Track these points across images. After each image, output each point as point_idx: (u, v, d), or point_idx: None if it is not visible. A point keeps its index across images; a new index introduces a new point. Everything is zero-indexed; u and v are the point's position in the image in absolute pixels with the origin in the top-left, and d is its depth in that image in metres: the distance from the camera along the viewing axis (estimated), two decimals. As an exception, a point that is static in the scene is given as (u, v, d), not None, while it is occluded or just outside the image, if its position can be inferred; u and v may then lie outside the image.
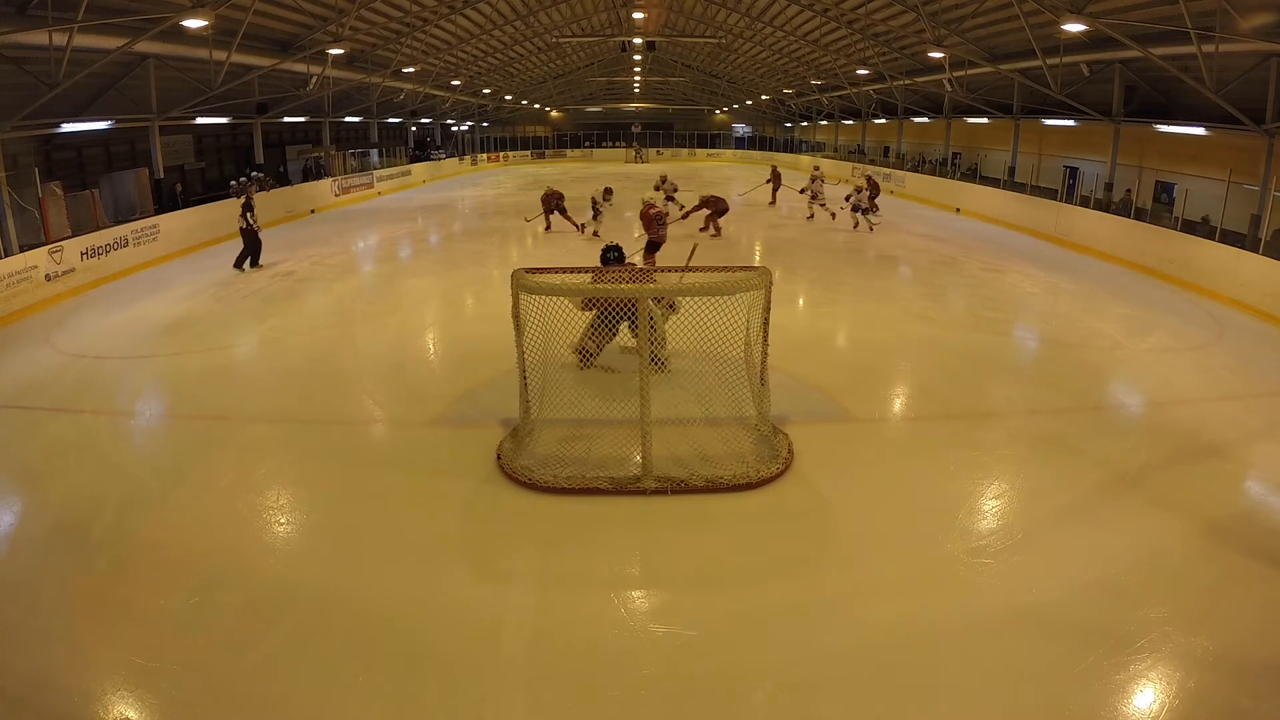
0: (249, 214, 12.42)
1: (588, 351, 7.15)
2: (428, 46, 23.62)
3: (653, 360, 6.78)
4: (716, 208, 15.93)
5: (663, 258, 11.47)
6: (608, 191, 16.57)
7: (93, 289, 11.99)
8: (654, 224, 11.48)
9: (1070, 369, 7.96)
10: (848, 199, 17.28)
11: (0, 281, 10.20)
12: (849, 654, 3.71)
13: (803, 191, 19.51)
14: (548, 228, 16.82)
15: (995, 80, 19.79)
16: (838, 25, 22.21)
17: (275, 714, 3.37)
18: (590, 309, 6.52)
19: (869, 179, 19.42)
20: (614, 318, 6.40)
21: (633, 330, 6.67)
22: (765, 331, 5.73)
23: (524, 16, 24.96)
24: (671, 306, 6.59)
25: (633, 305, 6.17)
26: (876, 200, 18.44)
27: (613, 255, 7.74)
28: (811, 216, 19.16)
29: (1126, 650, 3.65)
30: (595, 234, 15.72)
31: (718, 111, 47.14)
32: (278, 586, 4.25)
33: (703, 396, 6.22)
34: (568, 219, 16.41)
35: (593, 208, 15.94)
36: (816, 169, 20.86)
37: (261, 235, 13.11)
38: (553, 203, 16.58)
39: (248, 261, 12.87)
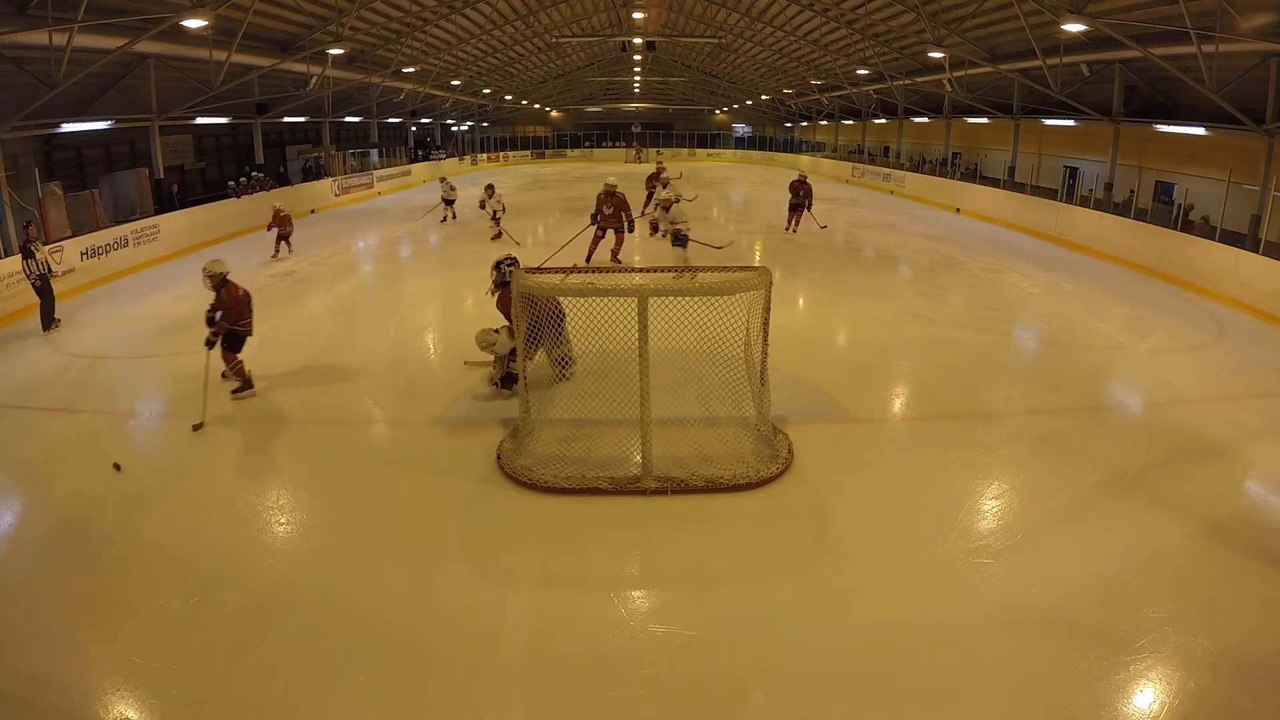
0: (29, 262, 9.39)
1: (512, 375, 6.70)
2: (428, 46, 23.61)
3: (561, 365, 6.91)
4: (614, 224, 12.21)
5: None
6: (489, 189, 16.02)
7: (93, 289, 11.99)
8: (243, 306, 7.01)
9: (1070, 369, 7.96)
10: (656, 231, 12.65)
11: (0, 281, 10.20)
12: (849, 654, 3.71)
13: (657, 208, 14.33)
14: (275, 254, 14.35)
15: (995, 80, 19.79)
16: (838, 25, 22.21)
17: (275, 714, 3.37)
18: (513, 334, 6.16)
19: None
20: (536, 339, 6.28)
21: (546, 352, 6.73)
22: (765, 331, 5.73)
23: (524, 16, 24.96)
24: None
25: (552, 326, 6.23)
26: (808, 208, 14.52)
27: (507, 266, 6.98)
28: (657, 233, 14.30)
29: (1126, 650, 3.65)
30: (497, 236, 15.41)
31: (718, 111, 47.13)
32: (278, 586, 4.25)
33: (703, 396, 6.22)
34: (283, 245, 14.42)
35: (494, 218, 15.70)
36: (661, 165, 17.44)
37: (55, 288, 9.91)
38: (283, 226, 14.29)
39: (53, 319, 9.70)
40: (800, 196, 16.17)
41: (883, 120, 29.56)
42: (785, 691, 3.48)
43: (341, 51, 18.68)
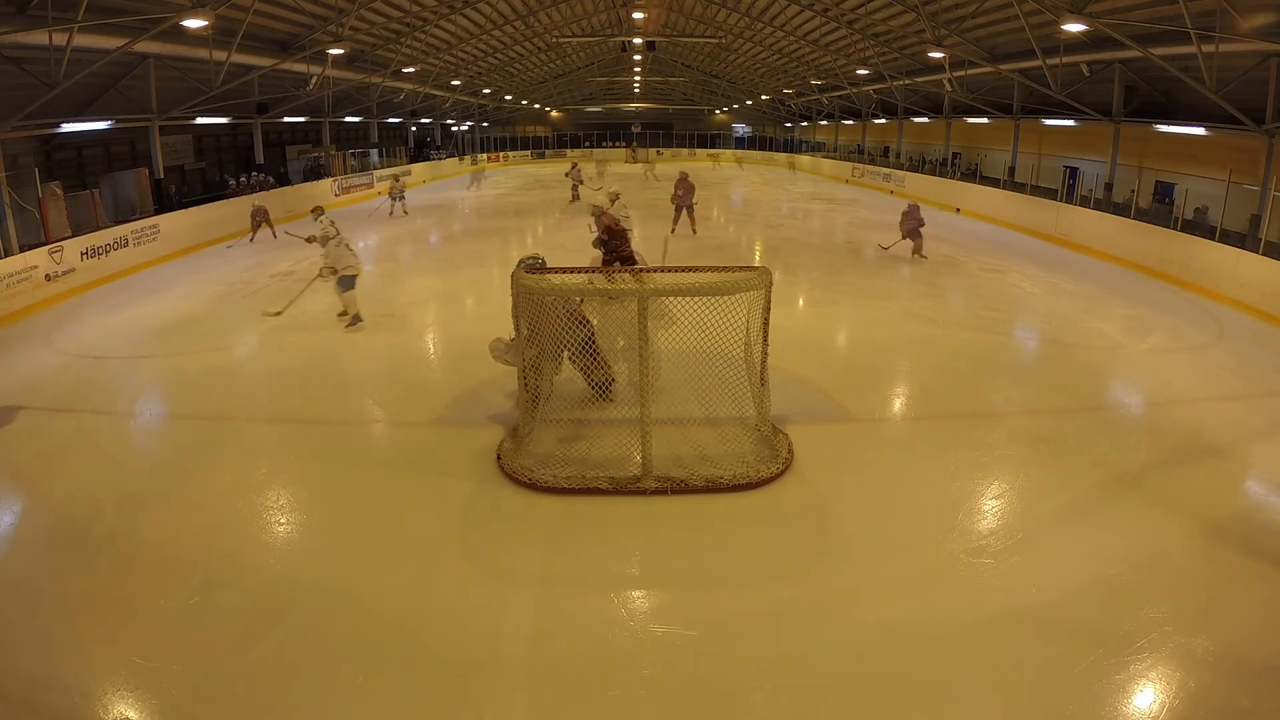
0: None
1: (538, 393, 6.11)
2: (428, 46, 23.61)
3: (601, 389, 6.47)
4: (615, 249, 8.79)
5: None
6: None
7: (93, 289, 11.99)
8: None
9: (1070, 369, 7.96)
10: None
11: (0, 281, 10.20)
12: (849, 654, 3.71)
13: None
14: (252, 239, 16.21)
15: (995, 80, 19.78)
16: (838, 25, 22.21)
17: (275, 714, 3.36)
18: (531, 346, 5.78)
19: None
20: (553, 352, 6.08)
21: (570, 360, 6.42)
22: (765, 331, 5.73)
23: (524, 16, 24.96)
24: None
25: (575, 339, 5.98)
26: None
27: (539, 265, 6.70)
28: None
29: (1126, 650, 3.65)
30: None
31: (718, 111, 47.12)
32: (278, 586, 4.25)
33: (703, 396, 6.21)
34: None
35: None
36: (576, 166, 18.74)
37: None
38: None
39: None
40: (914, 224, 13.90)
41: (883, 120, 29.56)
42: (785, 691, 3.48)
43: (341, 51, 18.68)
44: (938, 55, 18.54)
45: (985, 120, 21.94)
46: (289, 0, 15.58)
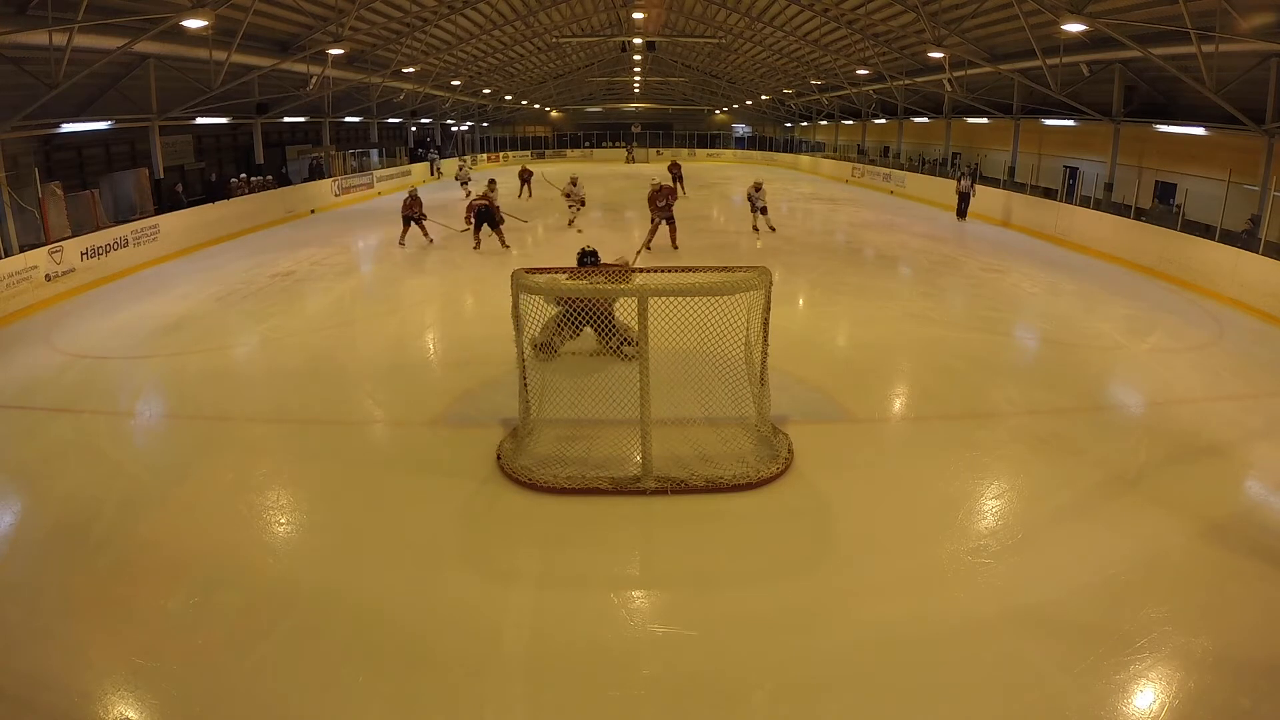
0: None
1: (550, 346, 7.18)
2: (428, 46, 23.61)
3: (618, 350, 7.28)
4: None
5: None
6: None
7: (93, 289, 11.99)
8: None
9: (1070, 369, 7.96)
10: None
11: (0, 281, 10.20)
12: (849, 654, 3.71)
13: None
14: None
15: (995, 80, 19.78)
16: (838, 25, 22.21)
17: (275, 714, 3.36)
18: (559, 305, 6.73)
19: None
20: (577, 318, 6.64)
21: (598, 335, 7.12)
22: (765, 331, 5.73)
23: (524, 16, 24.96)
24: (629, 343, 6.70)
25: (599, 311, 6.53)
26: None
27: (589, 259, 8.18)
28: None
29: (1126, 650, 3.65)
30: None
31: (718, 111, 47.13)
32: (278, 586, 4.24)
33: (703, 396, 6.21)
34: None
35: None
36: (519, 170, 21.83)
37: None
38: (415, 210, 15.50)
39: None
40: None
41: (883, 120, 29.56)
42: (785, 691, 3.48)
43: (341, 51, 18.68)
44: (938, 55, 18.54)
45: (985, 120, 21.94)
46: (289, 0, 15.58)
